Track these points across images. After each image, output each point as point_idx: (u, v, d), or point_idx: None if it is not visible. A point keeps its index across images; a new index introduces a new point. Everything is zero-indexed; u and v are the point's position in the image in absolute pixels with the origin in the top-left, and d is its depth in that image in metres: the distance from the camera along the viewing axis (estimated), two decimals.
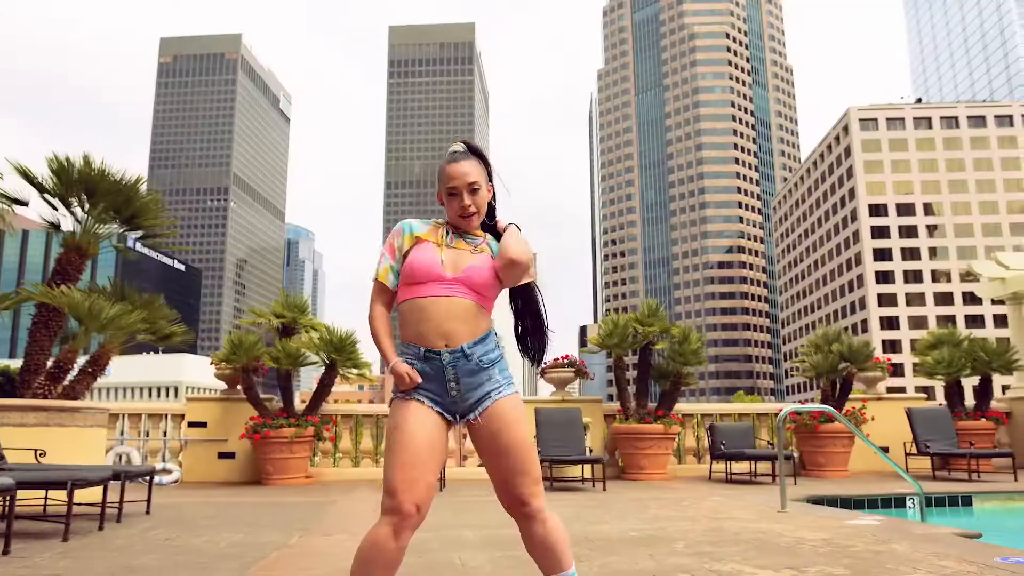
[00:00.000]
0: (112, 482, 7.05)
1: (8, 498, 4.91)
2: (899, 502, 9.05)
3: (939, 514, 8.93)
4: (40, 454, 6.95)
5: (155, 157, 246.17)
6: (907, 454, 12.10)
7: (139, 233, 9.30)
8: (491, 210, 2.78)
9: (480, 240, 2.70)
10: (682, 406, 12.88)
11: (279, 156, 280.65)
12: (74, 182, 8.54)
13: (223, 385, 12.26)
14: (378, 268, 2.71)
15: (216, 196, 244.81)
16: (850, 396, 12.95)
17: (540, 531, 2.52)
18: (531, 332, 2.83)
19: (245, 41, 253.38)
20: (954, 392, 13.65)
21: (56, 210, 9.02)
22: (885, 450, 12.69)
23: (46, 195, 8.74)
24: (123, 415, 11.98)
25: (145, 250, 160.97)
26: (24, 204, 9.14)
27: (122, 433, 11.86)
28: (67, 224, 9.06)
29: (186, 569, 4.19)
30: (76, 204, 8.80)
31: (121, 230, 9.01)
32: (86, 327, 8.00)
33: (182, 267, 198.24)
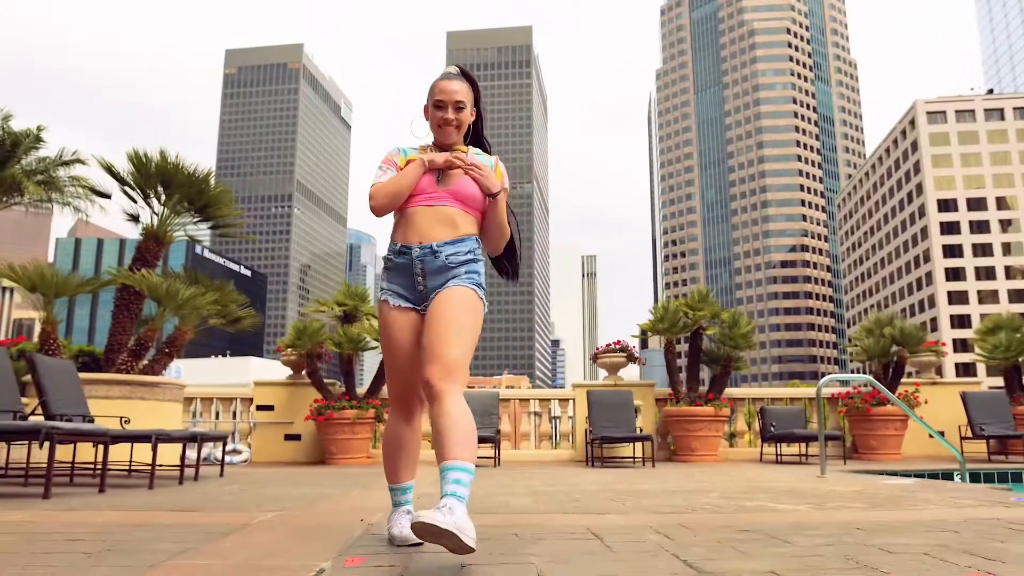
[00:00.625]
0: (190, 445, 7.65)
1: (104, 446, 5.45)
2: (947, 477, 9.16)
3: None
4: (125, 421, 7.56)
5: (221, 166, 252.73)
6: (962, 438, 12.09)
7: (210, 224, 9.93)
8: (478, 137, 3.08)
9: (466, 156, 2.89)
10: (733, 390, 13.08)
11: (341, 162, 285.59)
12: (152, 175, 9.20)
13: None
14: (380, 177, 2.88)
15: (280, 203, 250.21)
16: (903, 381, 12.98)
17: (436, 413, 2.46)
18: (505, 249, 3.05)
19: (307, 50, 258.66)
20: (1013, 377, 13.53)
21: (135, 203, 9.70)
22: (939, 433, 12.69)
23: (127, 188, 9.43)
24: (196, 399, 12.68)
25: (213, 256, 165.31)
26: (107, 196, 9.87)
27: (195, 416, 12.56)
28: (145, 217, 9.75)
29: (263, 502, 4.66)
30: (153, 196, 9.46)
31: (194, 220, 9.66)
32: (164, 308, 8.63)
33: (248, 272, 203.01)
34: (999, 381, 14.53)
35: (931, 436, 12.87)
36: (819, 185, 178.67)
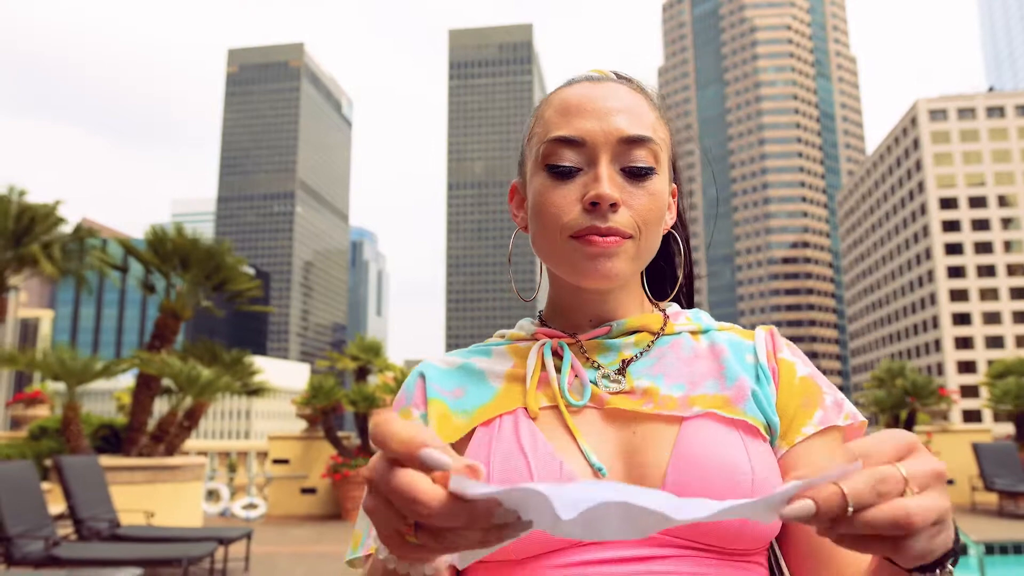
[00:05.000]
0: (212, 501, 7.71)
1: None
2: (962, 548, 9.20)
3: (1002, 563, 9.06)
4: (150, 515, 7.64)
5: (225, 164, 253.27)
6: (972, 488, 12.19)
7: (227, 297, 10.00)
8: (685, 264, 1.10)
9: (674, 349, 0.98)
10: None
11: (342, 160, 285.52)
12: (169, 253, 9.26)
13: (293, 388, 12.89)
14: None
15: (282, 201, 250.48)
16: (915, 429, 13.06)
17: None
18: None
19: (307, 49, 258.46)
20: (1021, 424, 13.61)
21: (151, 274, 9.78)
22: (949, 482, 12.80)
23: (145, 264, 9.50)
24: (212, 454, 12.77)
25: None
26: (124, 270, 9.94)
27: (212, 470, 12.65)
28: (161, 286, 9.83)
29: None
30: (172, 272, 9.54)
31: (212, 296, 9.73)
32: (184, 392, 8.71)
33: (252, 271, 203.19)
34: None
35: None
36: (820, 182, 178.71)
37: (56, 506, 7.57)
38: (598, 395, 0.92)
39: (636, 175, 0.94)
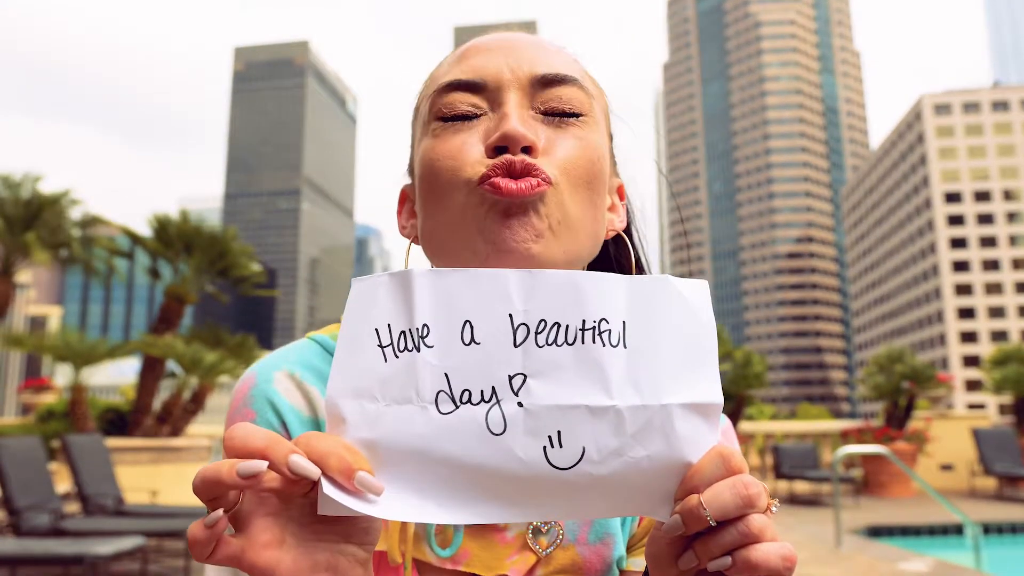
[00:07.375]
0: None
1: (142, 552, 5.61)
2: (957, 530, 9.29)
3: (999, 543, 9.15)
4: (154, 494, 7.76)
5: (231, 161, 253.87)
6: (972, 473, 12.26)
7: (232, 281, 10.12)
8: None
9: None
10: (745, 425, 13.23)
11: (347, 157, 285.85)
12: (173, 239, 9.36)
13: None
14: None
15: (288, 197, 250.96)
16: (915, 415, 13.13)
17: None
18: None
19: (313, 47, 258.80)
20: (1021, 409, 13.66)
21: (155, 261, 9.89)
22: (948, 467, 12.87)
23: (150, 251, 9.61)
24: (218, 440, 12.90)
25: None
26: (128, 256, 10.06)
27: (215, 454, 12.78)
28: (167, 273, 9.94)
29: None
30: (176, 257, 9.65)
31: (216, 279, 9.84)
32: (189, 374, 8.82)
33: (259, 267, 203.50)
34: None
35: (941, 468, 13.08)
36: (825, 176, 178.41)
37: (63, 485, 7.70)
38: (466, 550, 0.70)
39: (559, 115, 0.69)
